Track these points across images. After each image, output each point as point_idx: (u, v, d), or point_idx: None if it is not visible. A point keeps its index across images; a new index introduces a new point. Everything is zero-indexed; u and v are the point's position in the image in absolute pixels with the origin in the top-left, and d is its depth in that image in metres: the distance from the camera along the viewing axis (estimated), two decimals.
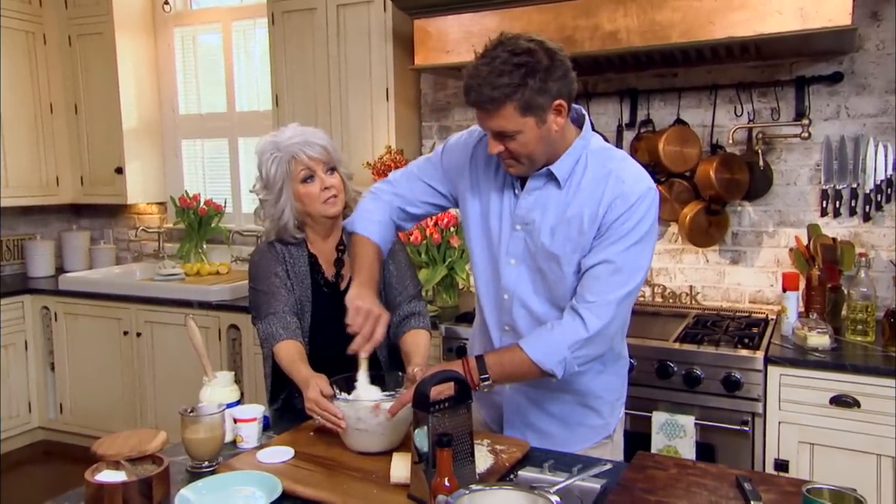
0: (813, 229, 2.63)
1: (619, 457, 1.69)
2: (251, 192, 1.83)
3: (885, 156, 2.53)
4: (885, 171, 2.54)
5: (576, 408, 1.62)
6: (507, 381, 1.52)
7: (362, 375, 1.56)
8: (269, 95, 3.46)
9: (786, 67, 2.69)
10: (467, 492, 1.10)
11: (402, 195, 1.69)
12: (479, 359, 1.46)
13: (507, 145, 1.42)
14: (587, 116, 1.54)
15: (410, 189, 1.68)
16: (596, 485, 1.31)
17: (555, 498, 1.07)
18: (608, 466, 1.36)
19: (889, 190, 2.55)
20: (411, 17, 2.83)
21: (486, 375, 1.44)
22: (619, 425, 1.71)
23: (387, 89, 3.15)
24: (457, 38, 2.70)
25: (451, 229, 2.85)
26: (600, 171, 1.47)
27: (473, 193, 1.61)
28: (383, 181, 1.74)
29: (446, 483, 1.15)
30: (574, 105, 1.50)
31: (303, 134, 1.74)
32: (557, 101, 1.39)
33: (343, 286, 1.82)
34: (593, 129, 1.56)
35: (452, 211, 3.11)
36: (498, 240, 1.57)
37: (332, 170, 1.76)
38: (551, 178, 1.49)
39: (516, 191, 1.54)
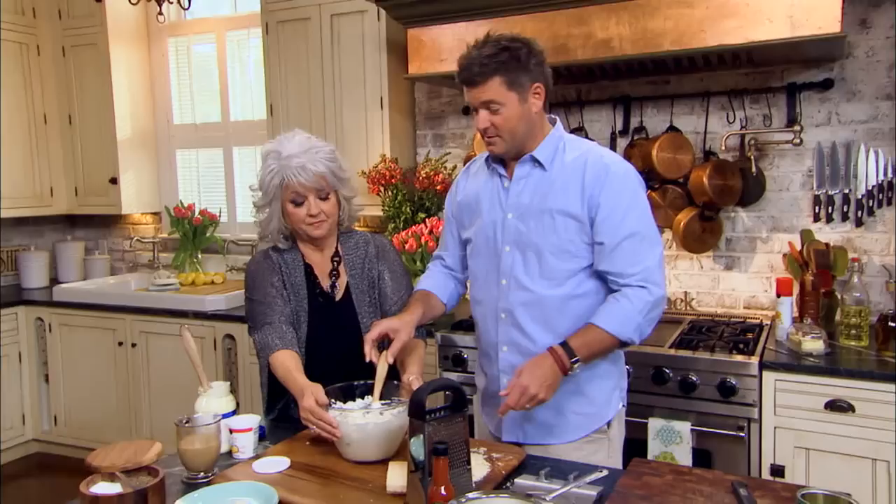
0: (806, 235, 2.65)
1: (617, 458, 1.72)
2: (251, 189, 1.83)
3: (877, 161, 2.55)
4: (877, 176, 2.56)
5: (570, 396, 1.67)
6: (592, 358, 1.60)
7: (378, 385, 1.58)
8: (264, 105, 3.46)
9: (777, 74, 2.71)
10: (464, 500, 1.10)
11: (440, 254, 1.93)
12: (564, 344, 1.56)
13: (493, 120, 1.60)
14: (558, 121, 1.72)
15: (441, 243, 1.94)
16: (592, 492, 1.31)
17: None
18: (604, 473, 1.36)
19: (881, 195, 2.56)
20: (405, 27, 2.84)
21: (576, 358, 1.55)
22: (617, 423, 1.73)
23: (381, 98, 3.16)
24: (451, 47, 2.71)
25: None
26: (579, 150, 1.66)
27: (471, 200, 1.78)
28: None
29: (443, 492, 1.15)
30: (548, 115, 1.70)
31: (305, 154, 1.68)
32: (536, 84, 1.60)
33: (339, 297, 1.82)
34: (586, 137, 1.62)
35: None
36: (494, 232, 1.70)
37: (326, 197, 1.74)
38: (536, 163, 1.66)
39: (505, 184, 1.70)
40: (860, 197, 2.59)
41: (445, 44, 2.73)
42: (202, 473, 1.43)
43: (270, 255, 1.83)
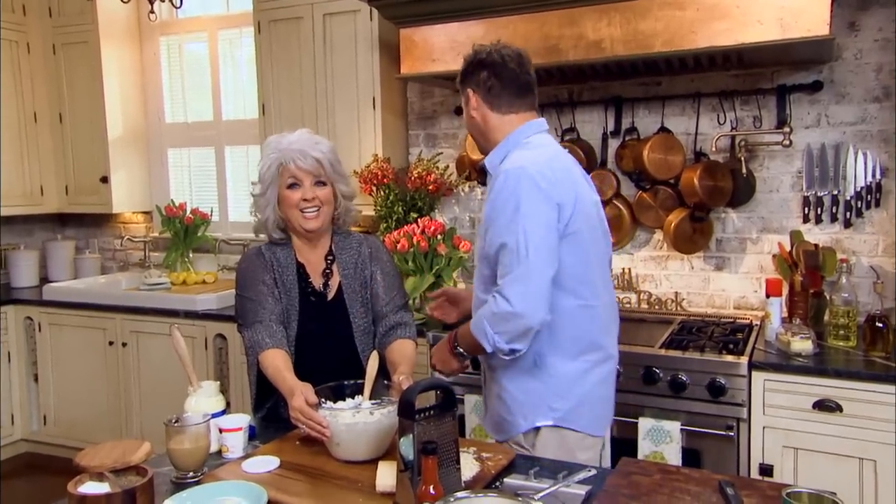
0: (795, 235, 2.66)
1: None
2: (252, 183, 1.84)
3: (865, 163, 2.57)
4: (865, 178, 2.57)
5: (493, 397, 1.73)
6: (471, 350, 1.67)
7: (368, 385, 1.58)
8: (256, 104, 3.45)
9: (767, 76, 2.72)
10: (452, 500, 1.10)
11: None
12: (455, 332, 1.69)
13: None
14: (524, 126, 1.68)
15: None
16: (581, 491, 1.32)
17: None
18: (593, 473, 1.37)
19: (869, 197, 2.58)
20: (397, 27, 2.84)
21: (456, 343, 1.67)
22: (542, 444, 1.63)
23: (373, 98, 3.16)
24: (443, 47, 2.71)
25: (439, 237, 2.85)
26: (516, 154, 1.63)
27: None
28: None
29: (431, 491, 1.15)
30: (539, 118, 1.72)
31: (305, 143, 1.74)
32: (467, 90, 1.70)
33: (331, 296, 1.82)
34: (578, 137, 1.62)
35: (440, 219, 3.13)
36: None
37: (322, 184, 1.76)
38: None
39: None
40: (849, 198, 2.61)
41: (438, 44, 2.73)
42: (191, 473, 1.43)
43: (263, 252, 1.82)
